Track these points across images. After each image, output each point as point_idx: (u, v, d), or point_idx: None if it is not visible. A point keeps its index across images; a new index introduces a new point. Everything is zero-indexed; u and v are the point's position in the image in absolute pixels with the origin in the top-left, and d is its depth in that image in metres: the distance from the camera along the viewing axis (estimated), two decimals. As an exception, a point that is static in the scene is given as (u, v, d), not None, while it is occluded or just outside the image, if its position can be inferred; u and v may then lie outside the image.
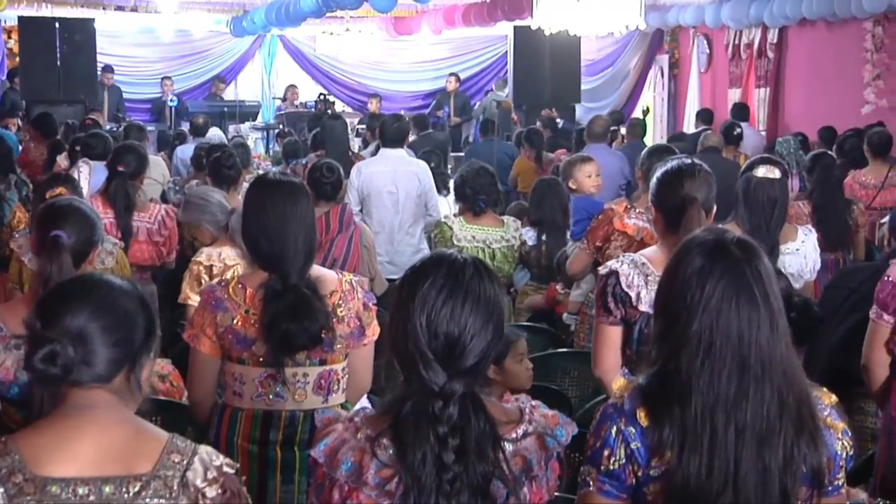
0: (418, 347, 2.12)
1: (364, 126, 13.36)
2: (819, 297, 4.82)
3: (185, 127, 13.06)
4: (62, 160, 8.27)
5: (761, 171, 4.26)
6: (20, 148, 10.31)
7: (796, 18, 12.68)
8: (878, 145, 7.98)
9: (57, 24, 13.91)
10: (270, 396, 3.33)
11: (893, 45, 11.79)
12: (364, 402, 3.62)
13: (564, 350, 5.45)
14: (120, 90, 15.96)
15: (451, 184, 7.02)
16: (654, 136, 15.95)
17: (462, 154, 12.49)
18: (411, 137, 11.48)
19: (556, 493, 2.29)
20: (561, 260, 5.94)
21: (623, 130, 12.45)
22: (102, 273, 4.90)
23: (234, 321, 3.29)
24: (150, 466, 2.06)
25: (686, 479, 2.12)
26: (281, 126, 14.41)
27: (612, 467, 2.21)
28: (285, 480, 3.35)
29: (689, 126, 14.84)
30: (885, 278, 3.79)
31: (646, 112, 16.77)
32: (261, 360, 3.30)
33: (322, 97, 15.83)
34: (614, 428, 2.21)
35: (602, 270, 3.55)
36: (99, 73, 15.10)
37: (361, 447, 2.15)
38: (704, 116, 13.35)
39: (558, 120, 13.00)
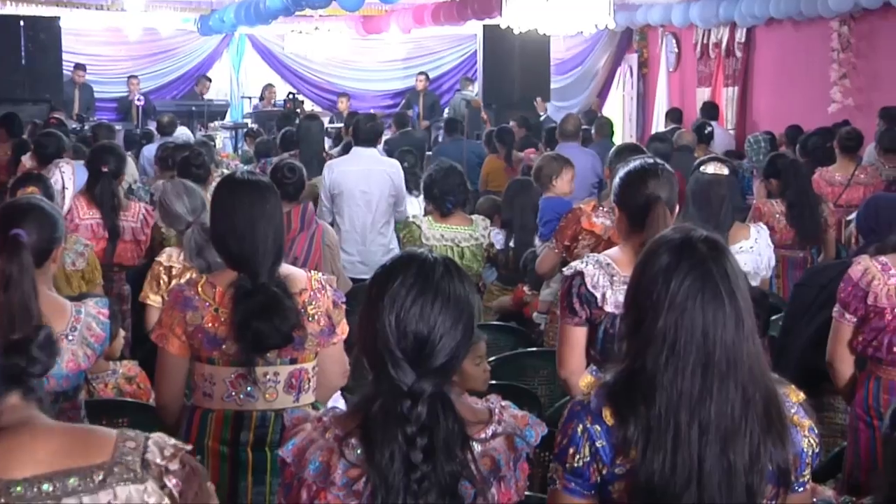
0: (387, 346, 2.12)
1: (342, 125, 13.28)
2: (789, 294, 4.85)
3: (152, 126, 12.97)
4: (27, 160, 8.19)
5: (711, 169, 4.34)
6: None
7: (764, 18, 12.76)
8: (849, 141, 8.04)
9: (22, 22, 13.81)
10: (241, 396, 3.30)
11: (860, 45, 11.89)
12: (339, 400, 3.62)
13: (534, 349, 5.45)
14: (91, 88, 15.81)
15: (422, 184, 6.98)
16: (624, 135, 16.00)
17: (430, 153, 12.46)
18: (390, 134, 11.46)
19: (527, 493, 2.29)
20: (528, 261, 5.93)
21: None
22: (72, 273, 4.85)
23: (204, 320, 3.26)
24: (107, 455, 2.06)
25: (649, 476, 2.12)
26: (253, 125, 14.33)
27: (576, 465, 2.21)
28: (257, 482, 3.32)
29: (659, 125, 14.90)
30: (847, 278, 3.81)
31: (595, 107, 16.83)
32: (231, 359, 3.27)
33: (291, 96, 15.78)
34: (580, 426, 2.21)
35: (567, 271, 3.53)
36: (71, 71, 14.99)
37: (329, 447, 2.14)
38: (674, 116, 13.39)
39: (541, 113, 13.00)
